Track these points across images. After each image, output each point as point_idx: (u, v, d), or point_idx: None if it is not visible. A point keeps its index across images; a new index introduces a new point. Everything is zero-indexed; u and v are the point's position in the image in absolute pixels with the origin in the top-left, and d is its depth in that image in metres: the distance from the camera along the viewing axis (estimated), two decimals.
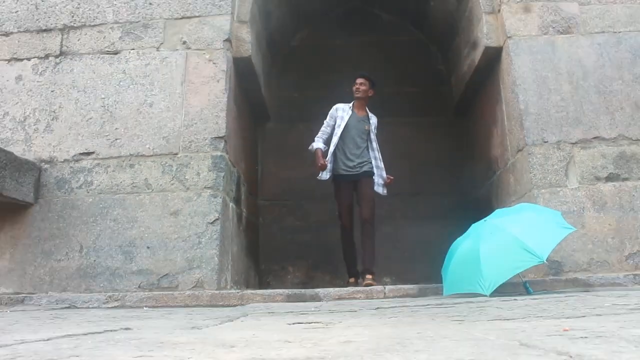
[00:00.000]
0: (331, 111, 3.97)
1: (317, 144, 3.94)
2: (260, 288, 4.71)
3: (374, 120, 4.01)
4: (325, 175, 3.84)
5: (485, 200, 4.61)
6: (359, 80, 3.91)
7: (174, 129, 3.58)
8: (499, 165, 4.24)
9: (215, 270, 3.26)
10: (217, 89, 3.66)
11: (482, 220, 2.98)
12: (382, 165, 3.95)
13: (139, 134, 3.59)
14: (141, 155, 3.54)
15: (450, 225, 4.29)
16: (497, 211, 3.12)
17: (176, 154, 3.54)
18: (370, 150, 3.94)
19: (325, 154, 3.91)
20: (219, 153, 3.54)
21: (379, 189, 3.91)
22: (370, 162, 3.93)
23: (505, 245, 2.69)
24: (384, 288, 3.16)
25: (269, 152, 5.40)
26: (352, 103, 3.95)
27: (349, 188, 3.85)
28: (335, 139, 3.86)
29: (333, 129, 3.93)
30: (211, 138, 3.56)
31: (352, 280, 3.71)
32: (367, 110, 4.01)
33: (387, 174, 3.94)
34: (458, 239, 3.08)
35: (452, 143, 5.34)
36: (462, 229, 3.14)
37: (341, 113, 3.92)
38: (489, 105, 4.42)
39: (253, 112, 4.95)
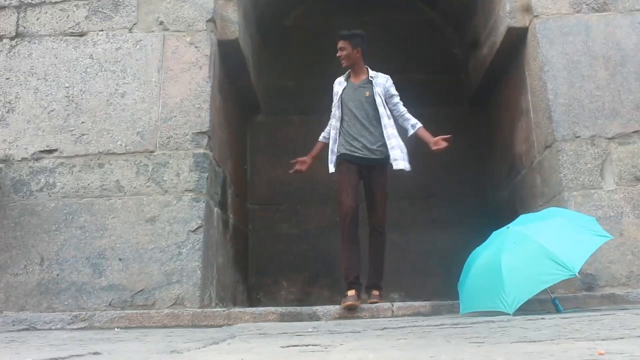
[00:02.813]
0: (333, 90, 3.74)
1: (322, 134, 3.76)
2: (249, 305, 4.69)
3: (380, 80, 3.61)
4: (331, 167, 3.60)
5: (507, 204, 4.61)
6: (338, 46, 3.63)
7: (150, 123, 3.57)
8: (523, 164, 4.24)
9: (197, 285, 3.26)
10: (200, 77, 3.65)
11: (505, 227, 2.98)
12: (396, 133, 3.52)
13: (109, 128, 3.57)
14: (112, 153, 3.53)
15: (467, 233, 4.27)
16: (522, 217, 3.12)
17: (152, 151, 3.53)
18: (382, 124, 3.53)
19: (324, 146, 3.71)
20: (201, 150, 3.53)
21: (399, 165, 3.44)
22: (386, 145, 3.52)
23: (531, 256, 2.69)
24: (392, 305, 3.16)
25: (260, 149, 5.38)
26: (347, 72, 3.72)
27: (353, 168, 3.50)
28: (334, 121, 3.62)
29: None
30: (193, 133, 3.55)
31: (351, 293, 3.26)
32: (369, 71, 3.65)
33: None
34: (477, 248, 3.07)
35: (469, 138, 5.31)
36: (481, 237, 3.14)
37: (337, 87, 3.69)
38: (512, 95, 4.42)
39: (241, 103, 4.94)
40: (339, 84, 3.69)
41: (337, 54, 3.62)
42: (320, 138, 3.79)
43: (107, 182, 3.48)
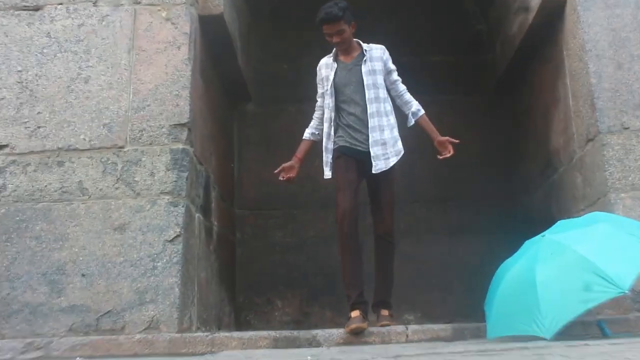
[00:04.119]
0: (317, 74, 3.68)
1: (308, 130, 3.70)
2: (237, 329, 4.68)
3: (376, 53, 3.56)
4: (327, 172, 3.56)
5: (542, 208, 4.60)
6: (329, 31, 3.43)
7: (119, 114, 3.56)
8: (561, 161, 4.23)
9: (175, 305, 3.24)
10: (178, 59, 3.63)
11: (539, 236, 2.96)
12: (393, 124, 3.49)
13: (70, 120, 3.55)
14: (74, 149, 3.50)
15: (494, 242, 4.25)
16: (560, 223, 3.10)
17: (122, 147, 3.51)
18: (374, 107, 3.45)
19: (313, 144, 3.67)
20: (180, 146, 3.51)
21: (380, 166, 3.41)
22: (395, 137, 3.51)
23: (572, 269, 2.66)
24: (406, 329, 3.14)
25: (250, 144, 5.39)
26: (334, 51, 3.64)
27: (353, 164, 3.46)
28: (328, 112, 3.55)
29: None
30: (170, 125, 3.53)
31: (355, 314, 3.22)
32: (361, 45, 3.59)
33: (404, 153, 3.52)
34: (506, 261, 3.06)
35: (495, 130, 5.31)
36: (512, 247, 3.12)
37: (325, 71, 3.62)
38: (547, 80, 4.41)
39: (227, 90, 4.93)
40: (327, 67, 3.61)
41: (335, 40, 3.47)
42: (306, 135, 3.70)
43: (68, 183, 3.44)
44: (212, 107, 4.36)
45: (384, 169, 3.44)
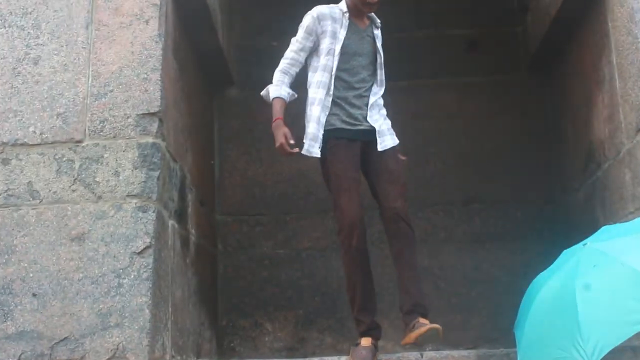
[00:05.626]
0: (308, 22, 3.48)
1: (278, 88, 3.51)
2: (219, 357, 4.72)
3: (378, 24, 3.68)
4: (314, 148, 3.40)
5: (583, 211, 4.60)
6: None
7: (76, 101, 3.55)
8: (605, 154, 4.23)
9: (145, 329, 3.24)
10: (146, 35, 3.63)
11: (580, 245, 2.95)
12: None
13: (16, 109, 3.55)
14: (21, 144, 3.50)
15: (525, 253, 4.27)
16: (604, 229, 3.11)
17: (80, 141, 3.51)
18: (380, 89, 3.59)
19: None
20: (150, 140, 3.50)
21: (387, 142, 3.52)
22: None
23: (619, 284, 2.65)
24: (421, 356, 3.21)
25: (233, 137, 5.40)
26: (342, 3, 3.55)
27: (355, 151, 3.44)
28: (325, 77, 3.44)
29: (310, 54, 3.53)
30: (137, 115, 3.53)
31: (366, 342, 3.23)
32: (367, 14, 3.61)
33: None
34: (540, 274, 3.07)
35: (526, 119, 5.32)
36: (548, 257, 3.12)
37: (331, 25, 3.45)
38: (588, 56, 4.42)
39: (206, 72, 4.95)
40: (334, 21, 3.48)
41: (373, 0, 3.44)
42: (283, 94, 3.50)
43: (15, 185, 3.44)
44: (187, 93, 4.37)
45: (393, 145, 3.49)
